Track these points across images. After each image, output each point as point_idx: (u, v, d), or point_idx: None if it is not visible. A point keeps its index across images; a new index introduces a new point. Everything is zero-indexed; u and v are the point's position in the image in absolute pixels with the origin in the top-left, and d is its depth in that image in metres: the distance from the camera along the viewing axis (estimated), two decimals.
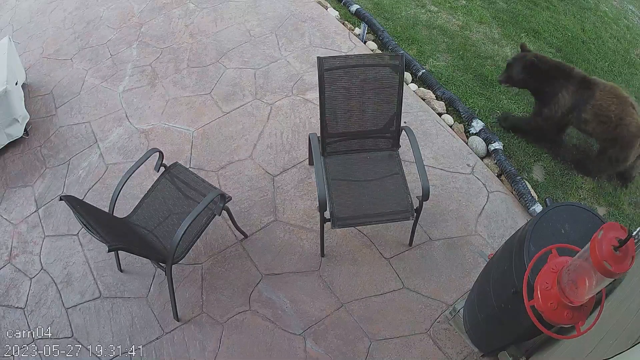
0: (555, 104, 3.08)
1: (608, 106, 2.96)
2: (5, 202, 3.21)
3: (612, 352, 1.28)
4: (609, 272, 1.20)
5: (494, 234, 2.82)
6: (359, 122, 2.63)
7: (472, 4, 4.42)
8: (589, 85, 3.01)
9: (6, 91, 3.24)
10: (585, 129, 3.09)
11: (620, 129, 2.97)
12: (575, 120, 3.08)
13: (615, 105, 2.96)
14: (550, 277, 1.47)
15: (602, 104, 2.97)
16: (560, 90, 3.05)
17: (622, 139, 2.99)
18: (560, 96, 3.05)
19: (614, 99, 2.98)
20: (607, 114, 2.96)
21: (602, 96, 2.98)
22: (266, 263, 2.73)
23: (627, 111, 2.97)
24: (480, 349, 2.39)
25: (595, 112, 2.99)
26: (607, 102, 2.97)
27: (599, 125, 3.01)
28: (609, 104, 2.97)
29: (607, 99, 2.97)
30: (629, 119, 2.96)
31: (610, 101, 2.97)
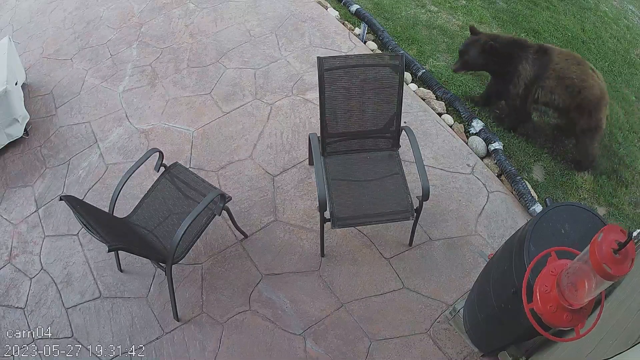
0: (518, 78, 3.07)
1: (569, 68, 2.98)
2: (5, 202, 3.21)
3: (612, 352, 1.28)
4: (608, 275, 1.19)
5: (494, 234, 2.82)
6: (359, 122, 2.63)
7: (472, 4, 4.42)
8: (545, 51, 3.03)
9: (6, 91, 3.24)
10: (553, 99, 3.06)
11: (585, 92, 2.97)
12: (541, 91, 3.05)
13: (575, 66, 2.98)
14: (549, 280, 1.46)
15: (562, 67, 2.98)
16: (519, 62, 3.04)
17: (589, 103, 2.98)
18: (521, 68, 3.04)
19: (573, 61, 3.00)
20: (569, 76, 2.96)
21: (560, 59, 3.00)
22: (266, 263, 2.73)
23: (587, 73, 2.99)
24: (480, 349, 2.39)
25: (558, 75, 2.99)
26: (567, 64, 2.99)
27: (564, 91, 3.00)
28: (569, 65, 2.98)
29: (566, 61, 2.99)
30: (591, 81, 2.97)
31: (570, 62, 2.99)
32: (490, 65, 3.20)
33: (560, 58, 3.01)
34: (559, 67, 2.99)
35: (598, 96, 2.99)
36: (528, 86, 3.07)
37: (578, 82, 2.97)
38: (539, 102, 3.16)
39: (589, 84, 2.98)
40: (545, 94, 3.07)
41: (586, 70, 3.00)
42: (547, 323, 1.46)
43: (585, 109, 3.01)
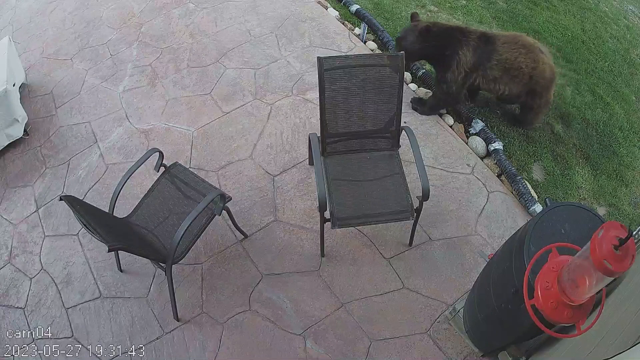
0: (457, 64, 2.97)
1: (516, 58, 2.90)
2: (5, 202, 3.21)
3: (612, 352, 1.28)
4: (609, 271, 1.20)
5: (494, 234, 2.82)
6: (359, 122, 2.63)
7: (472, 4, 4.42)
8: (488, 39, 2.93)
9: (6, 91, 3.24)
10: (498, 88, 3.01)
11: (536, 78, 2.92)
12: (484, 80, 2.99)
13: (523, 55, 2.90)
14: (550, 276, 1.47)
15: (508, 58, 2.90)
16: (459, 47, 2.93)
17: (540, 86, 2.94)
18: (461, 54, 2.94)
19: (521, 49, 2.91)
20: (517, 67, 2.89)
21: (506, 49, 2.91)
22: (266, 263, 2.73)
23: (537, 58, 2.91)
24: (480, 349, 2.39)
25: (504, 67, 2.91)
26: (513, 55, 2.90)
27: (512, 81, 2.94)
28: (516, 55, 2.90)
29: (513, 50, 2.90)
30: (542, 66, 2.91)
31: (517, 52, 2.90)
32: (429, 52, 3.04)
33: (506, 48, 2.91)
34: (504, 59, 2.90)
35: (549, 78, 2.95)
36: (468, 73, 2.98)
37: (528, 70, 2.90)
38: (480, 89, 3.12)
39: (540, 69, 2.91)
40: (487, 82, 3.00)
41: (535, 56, 2.91)
42: (548, 319, 1.47)
43: (536, 92, 2.98)
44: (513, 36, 2.98)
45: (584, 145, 3.42)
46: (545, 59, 2.95)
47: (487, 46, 2.92)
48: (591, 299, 1.42)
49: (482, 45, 2.92)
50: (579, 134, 3.47)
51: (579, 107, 3.65)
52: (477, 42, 2.92)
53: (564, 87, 3.78)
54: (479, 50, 2.92)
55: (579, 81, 3.85)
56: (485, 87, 3.06)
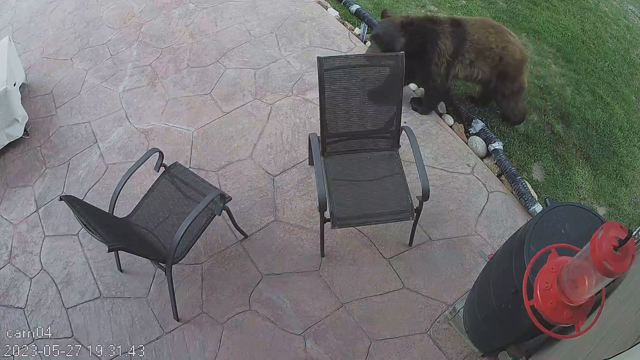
0: (439, 55, 2.95)
1: (486, 38, 2.90)
2: (5, 202, 3.21)
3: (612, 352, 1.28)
4: (608, 272, 1.20)
5: (494, 234, 2.82)
6: (359, 122, 2.63)
7: (472, 4, 4.42)
8: (459, 23, 2.94)
9: (6, 91, 3.24)
10: (473, 73, 2.99)
11: (506, 58, 2.91)
12: (462, 66, 2.98)
13: (493, 35, 2.91)
14: (550, 277, 1.47)
15: (479, 38, 2.91)
16: (438, 38, 2.91)
17: (511, 68, 2.93)
18: (441, 43, 2.92)
19: (490, 29, 2.92)
20: (488, 47, 2.90)
21: (475, 29, 2.92)
22: (266, 263, 2.73)
23: (506, 38, 2.92)
24: (480, 349, 2.39)
25: (477, 47, 2.92)
26: (484, 35, 2.91)
27: (484, 62, 2.94)
28: (486, 35, 2.91)
29: (483, 30, 2.92)
30: (512, 46, 2.91)
31: (487, 32, 2.92)
32: (412, 47, 2.94)
33: (475, 29, 2.91)
34: (476, 39, 2.90)
35: (519, 60, 2.94)
36: (450, 62, 2.96)
37: (498, 51, 2.90)
38: (458, 77, 3.10)
39: (510, 49, 2.91)
40: (464, 68, 2.99)
41: (504, 36, 2.92)
42: (548, 320, 1.47)
43: (507, 75, 2.97)
44: (480, 19, 2.99)
45: (584, 145, 3.42)
46: (516, 42, 2.95)
47: (460, 30, 2.91)
48: (591, 300, 1.42)
49: (455, 30, 2.91)
50: (579, 134, 3.47)
51: (579, 107, 3.65)
52: (450, 28, 2.91)
53: (564, 87, 3.78)
54: (454, 36, 2.90)
55: (579, 81, 3.85)
56: (464, 73, 3.03)
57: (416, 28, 2.92)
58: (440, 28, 2.92)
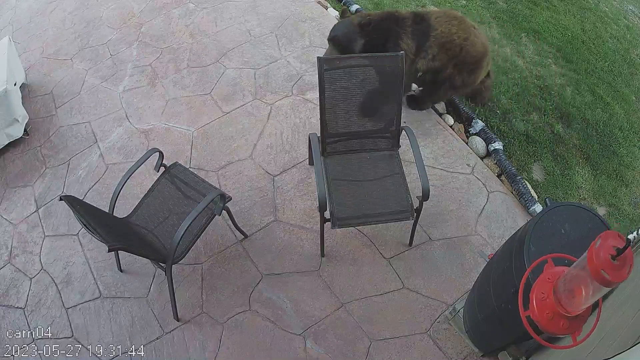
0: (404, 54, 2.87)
1: (449, 30, 2.85)
2: (5, 202, 3.21)
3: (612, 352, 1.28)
4: (606, 282, 1.18)
5: (494, 234, 2.82)
6: (359, 122, 2.63)
7: (472, 4, 4.42)
8: (422, 18, 2.87)
9: (6, 91, 3.24)
10: (434, 65, 2.93)
11: (466, 49, 2.87)
12: (424, 61, 2.91)
13: (456, 27, 2.86)
14: (546, 287, 1.45)
15: (443, 31, 2.84)
16: (399, 38, 2.82)
17: (470, 58, 2.90)
18: (402, 43, 2.84)
19: (454, 21, 2.87)
20: (451, 39, 2.84)
21: (440, 23, 2.85)
22: (266, 263, 2.73)
23: (469, 30, 2.88)
24: (480, 349, 2.39)
25: (440, 42, 2.85)
26: (447, 27, 2.85)
27: (445, 54, 2.89)
28: (450, 28, 2.85)
29: (446, 23, 2.85)
30: (474, 38, 2.88)
31: (450, 24, 2.86)
32: (371, 47, 2.85)
33: (440, 22, 2.85)
34: (439, 33, 2.84)
35: (480, 52, 2.91)
36: (412, 60, 2.90)
37: (460, 41, 2.85)
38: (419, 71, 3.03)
39: (471, 40, 2.87)
40: (426, 63, 2.93)
41: (467, 28, 2.88)
42: (544, 330, 1.45)
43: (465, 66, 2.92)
44: (443, 11, 2.94)
45: (584, 145, 3.42)
46: (478, 34, 2.91)
47: (423, 25, 2.84)
48: (587, 310, 1.41)
49: (418, 25, 2.84)
50: (579, 134, 3.47)
51: (579, 107, 3.65)
52: (413, 25, 2.84)
53: (564, 87, 3.78)
54: (416, 32, 2.84)
55: (579, 81, 3.85)
56: (425, 67, 2.95)
57: (375, 28, 2.82)
58: (402, 26, 2.83)
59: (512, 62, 3.89)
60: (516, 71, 3.82)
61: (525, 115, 3.53)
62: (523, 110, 3.56)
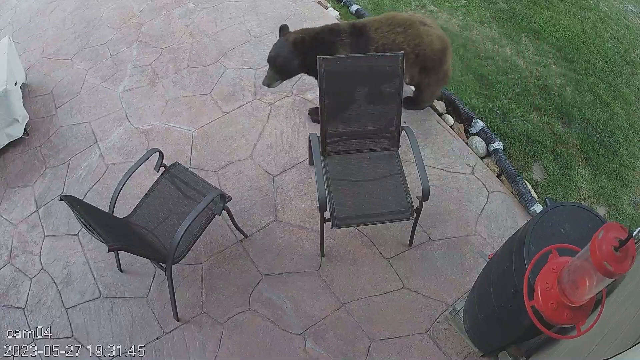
0: None
1: (393, 41, 2.71)
2: (5, 202, 3.21)
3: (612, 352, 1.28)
4: (609, 273, 1.20)
5: (494, 234, 2.82)
6: (359, 122, 2.63)
7: (472, 4, 4.42)
8: (360, 31, 2.75)
9: (6, 91, 3.24)
10: None
11: (423, 53, 2.76)
12: None
13: (401, 35, 2.72)
14: (550, 277, 1.47)
15: (385, 43, 2.71)
16: (335, 51, 2.73)
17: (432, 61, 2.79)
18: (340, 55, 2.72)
19: (397, 29, 2.72)
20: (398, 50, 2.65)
21: (380, 35, 2.72)
22: (266, 263, 2.73)
23: (419, 32, 2.73)
24: (480, 349, 2.39)
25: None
26: (390, 38, 2.72)
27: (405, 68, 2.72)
28: (393, 37, 2.72)
29: (388, 33, 2.72)
30: (427, 38, 2.74)
31: (394, 34, 2.72)
32: (305, 68, 2.82)
33: (380, 34, 2.72)
34: (381, 45, 2.71)
35: (439, 49, 2.79)
36: None
37: (411, 49, 2.72)
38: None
39: (426, 43, 2.74)
40: None
41: (415, 31, 2.73)
42: (548, 320, 1.47)
43: (430, 67, 2.82)
44: (386, 18, 2.77)
45: (584, 145, 3.42)
46: (431, 30, 2.77)
47: (361, 39, 2.73)
48: (591, 300, 1.42)
49: (356, 39, 2.73)
50: (579, 134, 3.47)
51: (579, 107, 3.65)
52: (350, 38, 2.74)
53: (564, 87, 3.79)
54: (355, 46, 2.73)
55: (579, 81, 3.85)
56: None
57: (311, 45, 2.72)
58: (339, 40, 2.73)
59: (512, 62, 3.89)
60: (516, 71, 3.82)
61: (525, 115, 3.53)
62: (523, 110, 3.56)
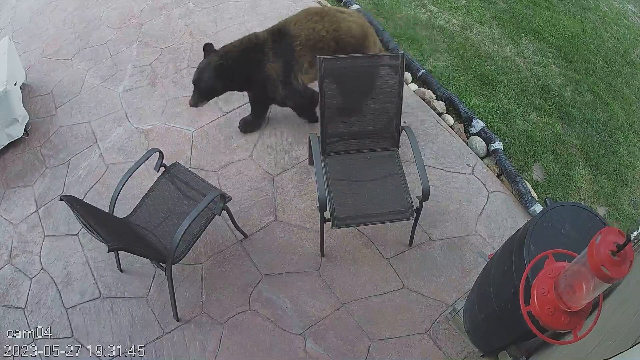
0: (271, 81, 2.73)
1: (313, 29, 2.67)
2: (5, 202, 3.21)
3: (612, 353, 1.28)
4: (607, 277, 1.19)
5: (494, 234, 2.82)
6: (359, 122, 2.63)
7: (472, 4, 4.42)
8: (280, 32, 2.72)
9: (6, 91, 3.24)
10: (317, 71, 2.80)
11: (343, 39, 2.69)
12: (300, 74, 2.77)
13: (319, 23, 2.68)
14: (547, 283, 1.46)
15: (308, 34, 2.67)
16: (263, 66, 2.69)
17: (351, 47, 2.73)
18: (268, 69, 2.70)
19: (314, 18, 2.70)
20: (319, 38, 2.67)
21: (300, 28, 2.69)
22: (266, 263, 2.73)
23: (336, 19, 2.71)
24: (480, 349, 2.39)
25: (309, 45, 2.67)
26: (309, 28, 2.68)
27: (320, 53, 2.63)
28: (312, 26, 2.68)
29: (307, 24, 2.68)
30: (345, 24, 2.70)
31: (312, 23, 2.69)
32: (236, 84, 2.80)
33: (300, 27, 2.68)
34: (303, 38, 2.66)
35: (360, 35, 2.74)
36: (286, 79, 2.75)
37: (330, 35, 2.67)
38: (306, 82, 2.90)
39: (343, 29, 2.69)
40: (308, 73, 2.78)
41: (333, 17, 2.70)
42: (545, 326, 1.46)
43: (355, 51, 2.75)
44: (303, 12, 2.77)
45: (584, 145, 3.42)
46: (349, 18, 2.73)
47: (284, 39, 2.70)
48: (588, 305, 1.41)
49: (279, 43, 2.69)
50: (579, 134, 3.47)
51: (579, 107, 3.65)
52: (273, 45, 2.70)
53: (564, 87, 3.78)
54: (280, 50, 2.69)
55: (579, 81, 3.85)
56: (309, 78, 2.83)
57: (234, 64, 2.68)
58: (263, 54, 2.69)
59: (512, 62, 3.89)
60: (516, 71, 3.82)
61: (525, 115, 3.53)
62: (523, 110, 3.56)
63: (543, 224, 1.74)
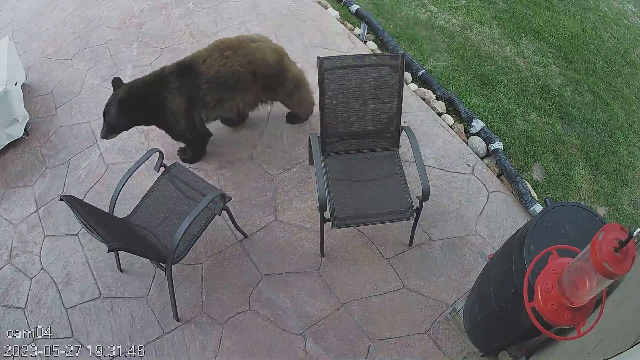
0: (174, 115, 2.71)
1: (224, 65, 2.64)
2: (5, 202, 3.21)
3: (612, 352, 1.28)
4: (609, 274, 1.20)
5: (494, 234, 2.82)
6: (359, 122, 2.63)
7: (472, 4, 4.42)
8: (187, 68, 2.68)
9: (6, 91, 3.24)
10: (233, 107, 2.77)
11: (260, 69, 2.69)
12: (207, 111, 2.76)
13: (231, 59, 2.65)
14: (550, 278, 1.47)
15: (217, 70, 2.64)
16: (165, 100, 2.67)
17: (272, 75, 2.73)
18: (170, 104, 2.67)
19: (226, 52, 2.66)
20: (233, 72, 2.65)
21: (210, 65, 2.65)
22: (266, 263, 2.73)
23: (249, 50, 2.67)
24: (480, 349, 2.39)
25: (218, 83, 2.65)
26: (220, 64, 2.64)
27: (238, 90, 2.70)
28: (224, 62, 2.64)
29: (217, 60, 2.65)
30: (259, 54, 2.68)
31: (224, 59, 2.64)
32: (142, 119, 2.77)
33: (209, 64, 2.65)
34: (212, 76, 2.64)
35: (275, 61, 2.73)
36: (189, 115, 2.73)
37: (245, 69, 2.66)
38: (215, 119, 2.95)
39: (258, 58, 2.67)
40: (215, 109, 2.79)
41: (246, 49, 2.67)
42: (549, 321, 1.47)
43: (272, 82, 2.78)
44: (214, 46, 2.73)
45: (584, 145, 3.42)
46: (262, 45, 2.71)
47: (190, 76, 2.66)
48: (591, 301, 1.42)
49: (184, 79, 2.66)
50: (579, 134, 3.47)
51: (579, 107, 3.65)
52: (178, 81, 2.66)
53: (564, 87, 3.79)
54: (183, 88, 2.66)
55: (579, 81, 3.85)
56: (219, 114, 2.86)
57: (135, 100, 2.65)
58: (165, 88, 2.66)
59: (512, 62, 3.89)
60: (516, 71, 3.82)
61: (525, 115, 3.53)
62: (523, 110, 3.56)
63: (543, 224, 1.74)
